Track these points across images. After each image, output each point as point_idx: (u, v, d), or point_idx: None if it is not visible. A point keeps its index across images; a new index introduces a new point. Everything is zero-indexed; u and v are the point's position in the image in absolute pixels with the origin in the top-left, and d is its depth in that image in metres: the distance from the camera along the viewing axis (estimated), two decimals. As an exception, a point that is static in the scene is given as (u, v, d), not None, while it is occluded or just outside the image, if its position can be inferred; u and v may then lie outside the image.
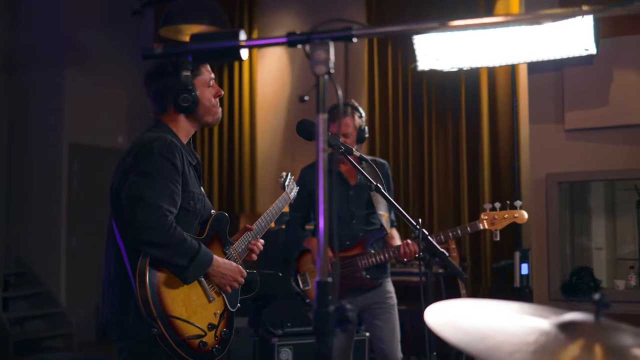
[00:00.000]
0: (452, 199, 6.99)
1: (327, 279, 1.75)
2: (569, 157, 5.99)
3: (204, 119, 2.99)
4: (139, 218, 2.65)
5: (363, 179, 4.39)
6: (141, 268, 2.67)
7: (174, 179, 2.79)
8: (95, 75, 8.25)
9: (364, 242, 4.30)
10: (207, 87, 2.98)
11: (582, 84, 5.94)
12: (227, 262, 2.92)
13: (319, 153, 1.79)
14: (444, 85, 6.89)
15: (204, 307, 2.83)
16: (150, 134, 2.88)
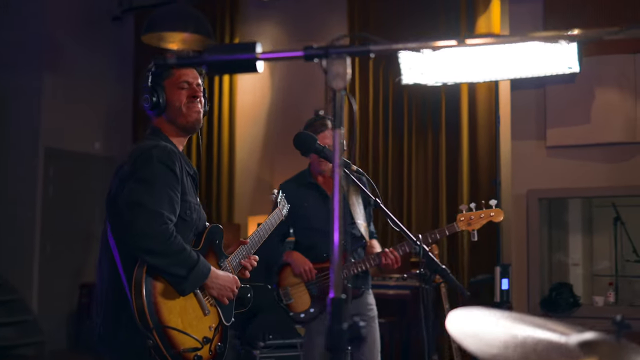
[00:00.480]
0: (430, 213, 6.97)
1: (340, 296, 1.74)
2: (550, 174, 6.05)
3: (177, 121, 2.93)
4: (138, 225, 2.61)
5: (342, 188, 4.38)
6: (137, 277, 2.62)
7: (173, 186, 2.76)
8: (73, 80, 8.16)
9: (345, 253, 4.29)
10: (177, 88, 2.93)
11: (564, 101, 6.01)
12: (224, 273, 2.89)
13: (335, 168, 1.78)
14: (425, 100, 6.87)
15: (199, 320, 2.78)
16: (148, 142, 2.85)
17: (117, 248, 2.73)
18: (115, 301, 2.71)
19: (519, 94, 6.19)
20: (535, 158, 6.11)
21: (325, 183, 4.43)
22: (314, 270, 4.26)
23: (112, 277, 2.73)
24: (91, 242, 8.42)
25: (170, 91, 2.92)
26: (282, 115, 7.80)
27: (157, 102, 2.89)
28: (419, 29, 6.72)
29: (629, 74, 5.83)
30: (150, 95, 2.89)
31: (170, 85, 2.92)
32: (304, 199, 4.30)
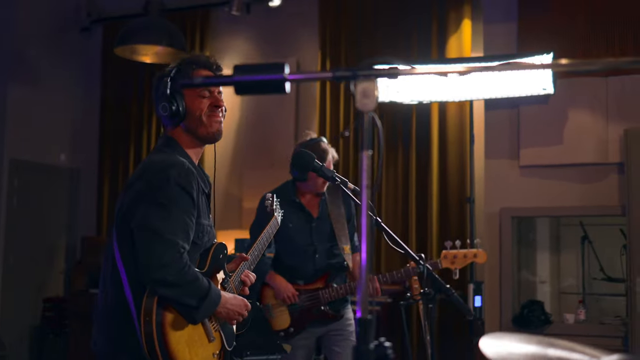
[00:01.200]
0: (400, 231, 6.99)
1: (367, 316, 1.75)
2: (523, 193, 6.15)
3: (198, 131, 2.79)
4: (153, 255, 2.51)
5: (325, 210, 4.41)
6: (147, 307, 2.54)
7: (190, 212, 2.65)
8: (39, 90, 8.02)
9: (327, 276, 4.31)
10: (198, 96, 2.79)
11: (537, 122, 6.11)
12: (232, 297, 2.80)
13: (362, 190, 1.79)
14: (396, 117, 6.87)
15: (204, 347, 2.72)
16: (164, 157, 2.73)
17: (125, 270, 2.63)
18: (121, 323, 2.63)
19: (493, 114, 6.28)
20: (508, 177, 6.20)
21: (309, 203, 4.41)
22: (296, 295, 4.26)
23: (119, 299, 2.64)
24: (55, 255, 8.29)
25: (191, 99, 2.77)
26: (251, 130, 7.77)
27: (176, 111, 2.74)
28: (391, 46, 6.75)
29: (601, 96, 5.95)
30: (169, 103, 2.73)
31: (190, 92, 2.78)
32: (288, 218, 4.27)
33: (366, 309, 1.73)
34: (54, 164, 8.30)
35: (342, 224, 4.39)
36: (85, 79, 8.58)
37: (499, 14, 6.44)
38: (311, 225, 4.36)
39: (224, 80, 1.81)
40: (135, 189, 2.68)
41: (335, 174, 3.04)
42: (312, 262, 4.32)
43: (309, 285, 4.30)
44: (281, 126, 7.64)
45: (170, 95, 2.74)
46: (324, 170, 3.07)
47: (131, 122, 8.20)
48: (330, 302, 4.26)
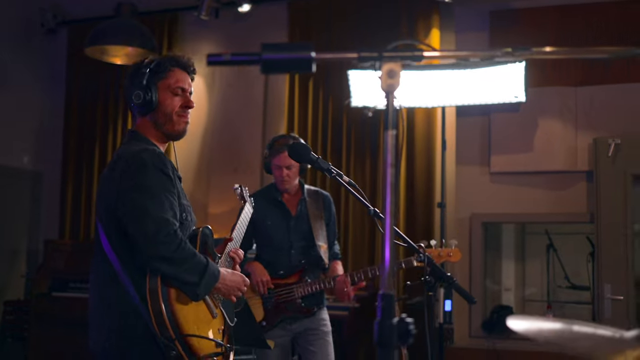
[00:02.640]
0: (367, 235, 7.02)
1: (390, 292, 1.78)
2: (493, 199, 6.24)
3: (165, 127, 2.84)
4: (148, 233, 2.51)
5: (304, 209, 4.48)
6: (153, 287, 2.53)
7: (172, 191, 2.67)
8: (2, 92, 7.86)
9: (301, 272, 4.36)
10: (171, 92, 2.85)
11: (508, 129, 6.20)
12: (231, 272, 2.82)
13: (387, 168, 1.82)
14: (364, 122, 6.87)
15: (209, 324, 2.73)
16: (133, 146, 2.74)
17: (121, 262, 2.61)
18: (123, 315, 2.60)
19: (465, 120, 6.37)
20: (479, 183, 6.28)
21: (290, 201, 4.50)
22: (270, 284, 4.31)
23: (115, 291, 2.62)
24: (17, 258, 8.13)
25: (164, 94, 2.83)
26: (218, 134, 7.72)
27: (149, 101, 2.78)
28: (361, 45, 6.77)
29: (571, 105, 6.05)
30: (144, 92, 2.77)
31: (164, 87, 2.83)
32: (267, 216, 4.36)
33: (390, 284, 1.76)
34: (17, 167, 8.14)
35: (320, 224, 4.45)
36: (49, 81, 8.45)
37: (470, 23, 6.52)
38: (289, 223, 4.44)
39: (252, 58, 1.81)
40: (113, 181, 2.69)
41: (331, 167, 3.07)
42: (288, 257, 4.39)
43: (284, 279, 4.35)
44: (248, 130, 7.61)
45: (146, 85, 2.79)
46: (319, 162, 3.11)
47: (96, 125, 8.09)
48: (304, 296, 4.31)
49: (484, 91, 5.84)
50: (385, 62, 1.84)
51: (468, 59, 1.88)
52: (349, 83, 6.19)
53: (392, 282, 1.76)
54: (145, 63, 2.86)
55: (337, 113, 7.06)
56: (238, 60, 1.86)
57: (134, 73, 2.85)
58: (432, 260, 2.73)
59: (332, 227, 4.58)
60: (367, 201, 3.01)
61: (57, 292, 6.91)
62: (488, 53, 1.89)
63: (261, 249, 4.50)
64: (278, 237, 4.42)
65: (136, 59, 6.84)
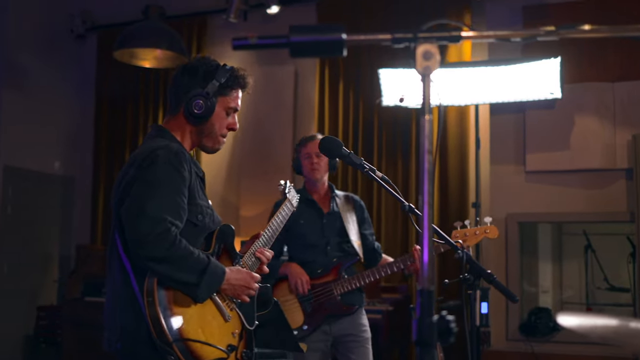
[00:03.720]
0: (399, 238, 6.91)
1: (430, 287, 1.66)
2: (529, 199, 6.08)
3: (204, 140, 2.72)
4: (139, 232, 2.38)
5: (336, 207, 4.38)
6: (149, 288, 2.40)
7: (180, 190, 2.51)
8: (33, 98, 7.86)
9: (338, 268, 4.21)
10: (225, 111, 2.71)
11: (543, 127, 6.03)
12: (235, 270, 2.64)
13: (423, 155, 1.71)
14: (395, 123, 6.80)
15: (220, 327, 2.57)
16: (154, 143, 2.60)
17: (127, 259, 2.51)
18: (132, 315, 2.48)
19: (499, 118, 6.22)
20: (514, 183, 6.13)
21: (321, 200, 4.39)
22: (309, 283, 4.18)
23: (126, 290, 2.51)
24: (50, 264, 8.11)
25: (219, 111, 2.70)
26: (248, 137, 7.65)
27: (205, 116, 2.65)
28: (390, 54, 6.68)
29: (608, 101, 5.86)
30: (207, 106, 2.64)
31: (222, 104, 2.71)
32: (299, 215, 4.23)
33: (429, 279, 1.65)
34: (49, 172, 8.13)
35: (352, 220, 4.33)
36: (79, 86, 8.45)
37: (502, 19, 6.38)
38: (322, 221, 4.32)
39: (280, 41, 1.71)
40: (126, 176, 2.57)
41: (364, 162, 2.95)
42: (324, 254, 4.25)
43: (321, 278, 4.20)
44: (279, 132, 7.54)
45: (211, 98, 2.66)
46: (352, 157, 2.99)
47: (126, 129, 8.07)
48: (343, 294, 4.18)
49: (519, 88, 5.68)
50: (420, 44, 1.71)
51: (508, 39, 1.75)
52: (379, 82, 6.07)
53: (432, 277, 1.65)
54: (219, 71, 2.70)
55: (368, 113, 6.95)
56: (265, 44, 1.76)
57: (202, 74, 2.70)
58: (470, 257, 2.59)
59: (368, 227, 4.45)
60: (401, 196, 2.88)
61: (90, 297, 6.87)
62: (530, 32, 1.76)
63: (295, 250, 4.35)
64: (312, 235, 4.29)
65: (165, 61, 6.81)
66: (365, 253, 4.34)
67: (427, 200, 1.68)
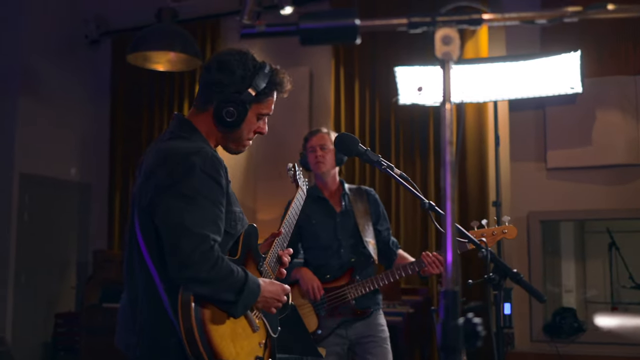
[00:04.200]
0: (419, 238, 6.79)
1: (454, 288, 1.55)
2: (551, 196, 5.93)
3: (230, 142, 2.58)
4: (182, 252, 2.23)
5: (348, 205, 4.25)
6: (185, 301, 2.27)
7: (219, 201, 2.36)
8: (49, 104, 7.82)
9: (351, 271, 4.07)
10: (257, 117, 2.57)
11: (564, 122, 5.89)
12: (269, 283, 2.53)
13: (445, 146, 1.59)
14: (412, 121, 6.69)
15: (249, 338, 2.48)
16: (186, 143, 2.44)
17: (155, 266, 2.36)
18: (158, 324, 2.36)
19: (518, 114, 6.09)
20: (535, 180, 5.98)
21: (333, 197, 4.24)
22: (322, 289, 4.06)
23: (152, 297, 2.38)
24: (67, 270, 8.06)
25: (251, 117, 2.54)
26: (263, 140, 7.55)
27: (235, 124, 2.51)
28: (406, 52, 6.58)
29: (630, 95, 5.69)
30: (239, 115, 2.49)
31: (254, 110, 2.56)
32: (311, 215, 4.12)
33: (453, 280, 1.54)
34: (65, 179, 8.08)
35: (366, 219, 4.18)
36: (94, 92, 8.40)
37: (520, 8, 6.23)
38: (335, 220, 4.19)
39: (289, 28, 1.61)
40: (156, 179, 2.39)
41: (381, 159, 2.82)
42: (337, 257, 4.12)
43: (334, 282, 4.07)
44: (294, 134, 7.43)
45: (244, 105, 2.51)
46: (368, 154, 2.86)
47: (141, 133, 8.02)
48: (357, 298, 4.05)
49: (538, 83, 5.53)
50: (439, 28, 1.60)
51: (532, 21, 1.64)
52: (396, 80, 5.95)
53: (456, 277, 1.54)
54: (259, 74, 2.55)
55: (385, 112, 6.85)
56: (273, 32, 1.66)
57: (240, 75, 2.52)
58: (495, 255, 2.47)
59: (383, 222, 4.30)
60: (421, 194, 2.75)
61: (108, 303, 6.81)
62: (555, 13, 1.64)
63: (308, 252, 4.22)
64: (325, 236, 4.16)
65: (178, 64, 6.73)
66: (380, 249, 4.21)
67: (449, 194, 1.58)
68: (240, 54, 2.57)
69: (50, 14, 7.94)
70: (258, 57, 2.62)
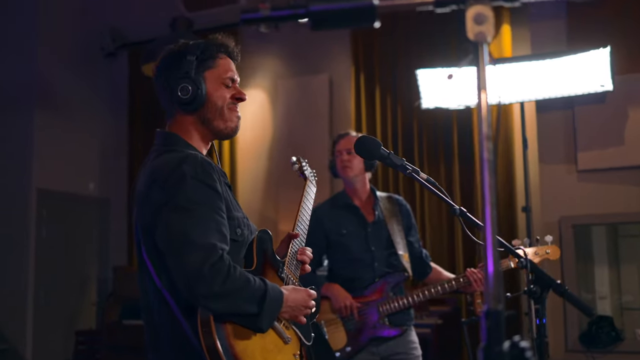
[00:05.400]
0: (446, 246, 6.56)
1: (498, 307, 1.32)
2: (583, 199, 5.68)
3: (214, 123, 2.35)
4: (190, 267, 2.02)
5: (380, 215, 4.00)
6: (204, 318, 2.06)
7: (218, 207, 2.17)
8: (65, 118, 7.67)
9: (385, 286, 3.82)
10: (221, 83, 2.35)
11: (595, 122, 5.63)
12: (291, 290, 2.30)
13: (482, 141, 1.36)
14: (436, 125, 6.48)
15: (281, 352, 2.25)
16: (171, 155, 2.23)
17: (165, 288, 2.17)
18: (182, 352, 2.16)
19: (546, 115, 5.84)
20: (566, 183, 5.72)
21: (364, 207, 3.98)
22: (355, 306, 3.82)
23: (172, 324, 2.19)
24: (87, 287, 7.90)
25: (213, 86, 2.33)
26: (285, 150, 7.37)
27: (198, 94, 2.29)
28: (426, 58, 6.36)
29: (663, 92, 5.50)
30: (193, 85, 2.28)
31: (212, 78, 2.34)
32: (341, 224, 3.87)
33: (496, 297, 1.31)
34: (83, 194, 7.93)
35: (400, 231, 3.93)
36: (112, 104, 8.26)
37: (545, 11, 6.01)
38: (366, 230, 3.92)
39: (297, 11, 1.38)
40: (150, 199, 2.19)
41: (406, 162, 2.57)
42: (371, 270, 3.85)
43: (366, 297, 3.81)
44: (315, 143, 7.24)
45: (194, 76, 2.31)
46: (392, 158, 2.61)
47: (160, 147, 7.87)
48: (389, 314, 3.80)
49: (566, 82, 5.29)
50: (470, 5, 1.37)
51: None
52: (417, 84, 5.72)
53: (499, 294, 1.31)
54: (188, 48, 2.36)
55: (407, 117, 6.63)
56: (279, 16, 1.43)
57: (173, 61, 2.35)
58: (536, 266, 2.21)
59: (415, 233, 4.06)
60: (449, 199, 2.50)
61: (128, 320, 6.64)
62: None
63: (337, 263, 3.95)
64: (357, 248, 3.89)
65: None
66: (413, 264, 3.96)
67: (489, 198, 1.34)
68: (170, 47, 2.42)
69: (66, 27, 7.82)
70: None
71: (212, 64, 2.36)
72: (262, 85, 7.53)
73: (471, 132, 6.29)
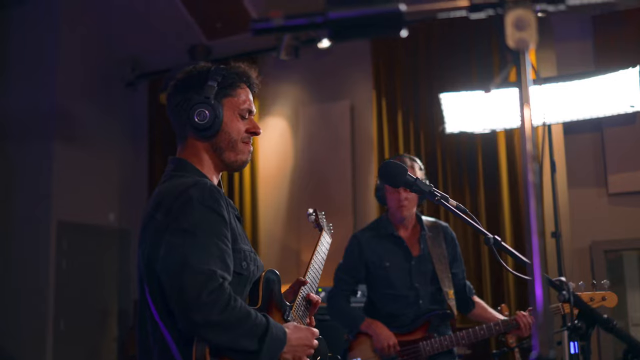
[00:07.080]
0: (473, 275, 6.35)
1: (549, 355, 1.15)
2: (614, 224, 5.45)
3: (225, 154, 2.27)
4: (187, 293, 1.90)
5: (426, 248, 3.75)
6: (199, 354, 1.93)
7: (223, 234, 2.05)
8: (85, 148, 7.59)
9: (427, 325, 3.60)
10: (238, 114, 2.27)
11: (624, 144, 5.44)
12: (293, 328, 2.16)
13: (526, 162, 1.19)
14: (460, 150, 6.30)
15: None
16: (180, 180, 2.15)
17: (164, 324, 2.03)
18: None
19: (574, 138, 5.64)
20: (596, 207, 5.51)
21: (409, 240, 3.74)
22: (398, 347, 3.61)
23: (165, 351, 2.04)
24: (108, 319, 7.74)
25: (230, 116, 2.25)
26: (305, 177, 7.23)
27: (215, 122, 2.21)
28: (449, 82, 6.20)
29: (696, 111, 5.29)
30: (212, 111, 2.20)
31: (230, 106, 2.26)
32: (384, 256, 3.65)
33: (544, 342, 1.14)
34: (103, 225, 7.81)
35: (445, 265, 3.71)
36: (131, 134, 8.17)
37: (571, 32, 5.83)
38: (410, 264, 3.71)
39: (314, 20, 1.22)
40: (154, 222, 2.10)
41: (434, 189, 2.39)
42: (415, 308, 3.66)
43: (407, 335, 3.61)
44: (337, 171, 7.08)
45: (215, 101, 2.23)
46: (419, 184, 2.43)
47: (181, 176, 7.73)
48: (432, 355, 3.57)
49: (594, 103, 5.12)
50: (510, 10, 1.20)
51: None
52: (441, 108, 5.55)
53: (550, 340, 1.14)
54: (210, 73, 2.27)
55: (430, 143, 6.45)
56: (293, 26, 1.27)
57: (194, 84, 2.26)
58: (580, 300, 2.02)
59: (460, 264, 3.86)
60: (482, 227, 2.31)
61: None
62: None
63: (378, 298, 3.74)
64: (400, 284, 3.69)
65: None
66: (456, 298, 3.75)
67: (535, 227, 1.17)
68: (187, 70, 2.34)
69: (85, 57, 7.77)
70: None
71: (232, 92, 2.29)
72: (283, 113, 7.39)
73: (496, 157, 6.10)
